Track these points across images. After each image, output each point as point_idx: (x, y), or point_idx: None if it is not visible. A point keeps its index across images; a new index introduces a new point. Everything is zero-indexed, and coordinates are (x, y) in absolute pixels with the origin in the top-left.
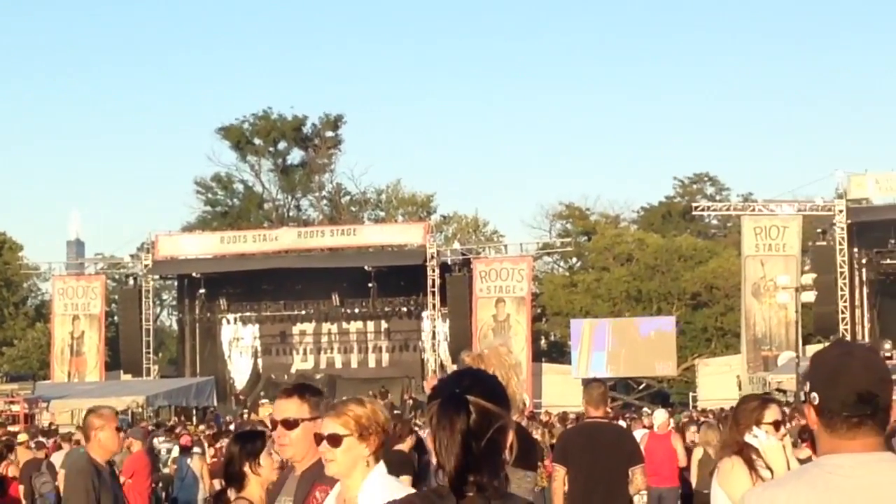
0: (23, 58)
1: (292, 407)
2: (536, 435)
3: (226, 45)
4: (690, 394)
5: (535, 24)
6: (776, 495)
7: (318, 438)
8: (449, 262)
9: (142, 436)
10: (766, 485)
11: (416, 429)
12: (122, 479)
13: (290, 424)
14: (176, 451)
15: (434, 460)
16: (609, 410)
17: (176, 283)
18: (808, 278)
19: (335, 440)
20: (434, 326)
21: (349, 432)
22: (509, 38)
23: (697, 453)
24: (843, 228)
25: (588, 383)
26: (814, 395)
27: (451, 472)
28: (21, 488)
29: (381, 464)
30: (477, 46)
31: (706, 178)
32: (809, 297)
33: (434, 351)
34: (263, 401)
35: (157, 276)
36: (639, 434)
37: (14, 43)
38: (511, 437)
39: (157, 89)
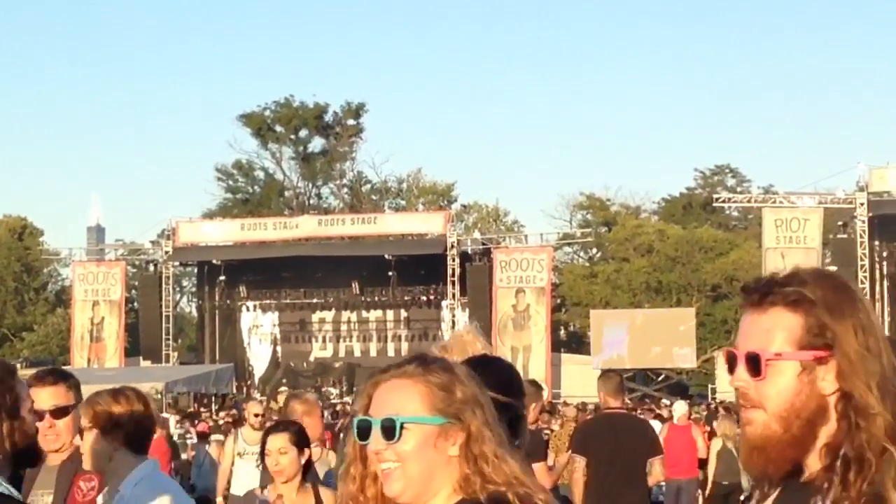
0: (44, 46)
1: (60, 393)
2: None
3: (248, 32)
4: (709, 386)
5: (556, 13)
6: None
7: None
8: (469, 252)
9: (162, 423)
10: None
11: None
12: None
13: (60, 412)
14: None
15: None
16: (629, 401)
17: (196, 270)
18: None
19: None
20: (454, 316)
21: (90, 425)
22: (531, 27)
23: (716, 445)
24: (864, 221)
25: (604, 374)
26: None
27: None
28: None
29: (148, 462)
30: (499, 36)
31: (727, 170)
32: None
33: None
34: (282, 389)
35: (177, 263)
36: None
37: (36, 31)
38: (525, 425)
39: (178, 76)
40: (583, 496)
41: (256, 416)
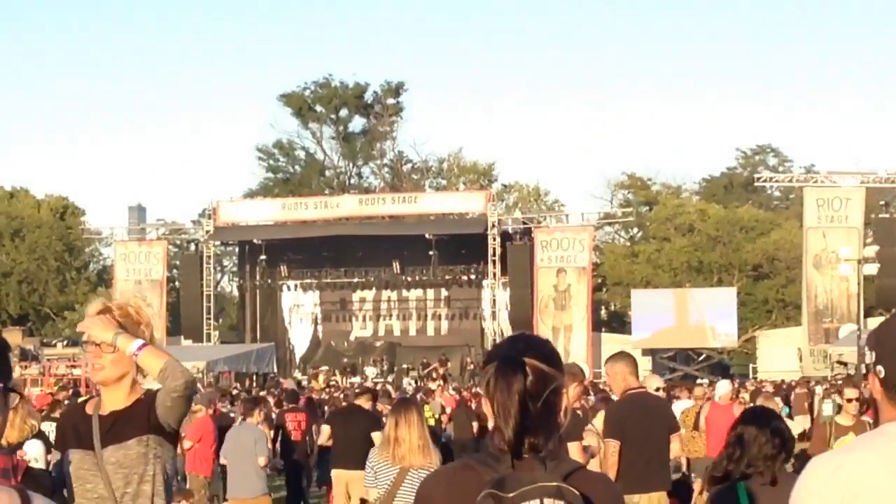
0: (83, 27)
1: None
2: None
3: (288, 11)
4: (751, 365)
5: None
6: (842, 461)
7: None
8: (510, 231)
9: (207, 402)
10: (833, 451)
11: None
12: (187, 444)
13: None
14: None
15: (491, 424)
16: (666, 382)
17: (237, 250)
18: (871, 250)
19: None
20: (494, 295)
21: None
22: (571, 7)
23: None
24: None
25: (624, 355)
26: (879, 368)
27: (510, 434)
28: None
29: None
30: (538, 15)
31: (769, 150)
32: (872, 269)
33: (494, 320)
34: (323, 367)
35: (218, 242)
36: (684, 405)
37: (74, 10)
38: (566, 400)
39: (219, 56)
40: (616, 478)
41: None
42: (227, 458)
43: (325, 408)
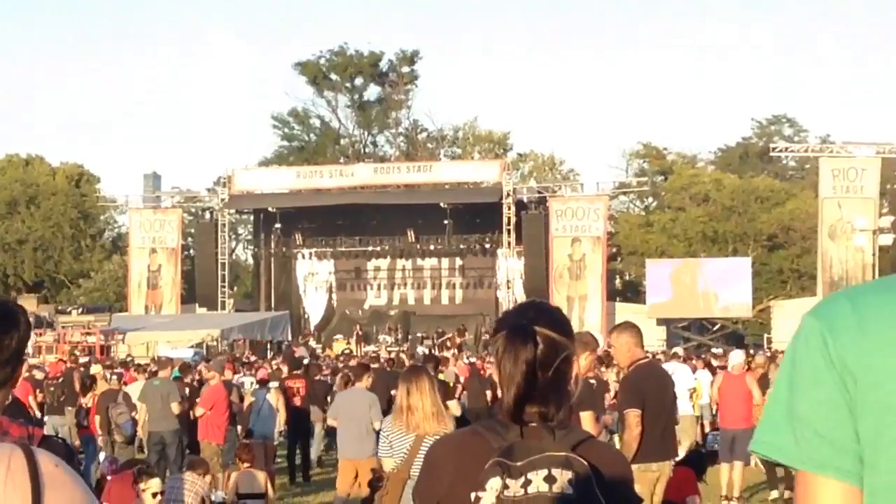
0: None
1: None
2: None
3: None
4: (765, 335)
5: None
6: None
7: None
8: (525, 200)
9: (220, 369)
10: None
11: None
12: (199, 412)
13: None
14: (252, 385)
15: (500, 392)
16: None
17: (252, 218)
18: (886, 221)
19: None
20: (509, 265)
21: None
22: None
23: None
24: None
25: (629, 325)
26: None
27: (509, 401)
28: (97, 419)
29: None
30: None
31: (784, 119)
32: (887, 239)
33: (509, 289)
34: (337, 336)
35: (233, 210)
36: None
37: None
38: (576, 367)
39: (235, 24)
40: (639, 447)
41: None
42: (335, 419)
43: (339, 376)
